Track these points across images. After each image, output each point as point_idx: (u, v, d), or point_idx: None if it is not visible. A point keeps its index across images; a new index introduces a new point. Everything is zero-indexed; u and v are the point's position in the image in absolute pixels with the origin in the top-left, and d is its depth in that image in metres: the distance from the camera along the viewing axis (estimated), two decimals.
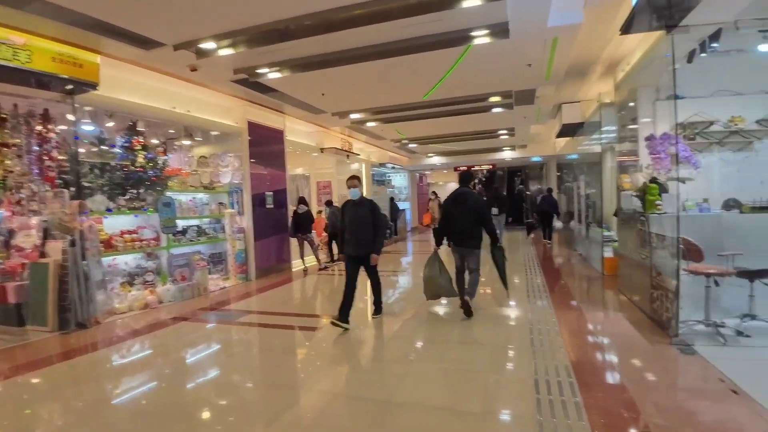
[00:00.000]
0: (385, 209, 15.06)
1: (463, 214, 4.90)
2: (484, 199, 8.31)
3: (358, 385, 3.43)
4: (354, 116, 9.37)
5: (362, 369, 3.83)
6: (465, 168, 17.19)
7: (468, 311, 4.75)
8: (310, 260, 9.01)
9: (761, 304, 3.90)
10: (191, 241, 7.18)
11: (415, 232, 18.43)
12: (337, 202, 11.91)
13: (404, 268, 9.36)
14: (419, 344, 4.27)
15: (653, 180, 4.82)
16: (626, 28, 3.74)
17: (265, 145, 8.63)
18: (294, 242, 8.80)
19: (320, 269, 8.75)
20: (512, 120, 10.20)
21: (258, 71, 5.99)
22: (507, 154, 16.81)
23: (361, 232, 4.75)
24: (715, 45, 4.06)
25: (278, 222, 8.82)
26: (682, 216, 4.56)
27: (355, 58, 5.60)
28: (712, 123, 5.50)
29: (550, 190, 13.65)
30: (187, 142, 7.88)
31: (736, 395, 2.78)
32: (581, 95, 8.68)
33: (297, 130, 10.08)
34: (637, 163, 6.06)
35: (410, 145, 14.17)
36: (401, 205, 17.40)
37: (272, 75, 6.20)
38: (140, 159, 6.44)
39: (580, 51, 5.67)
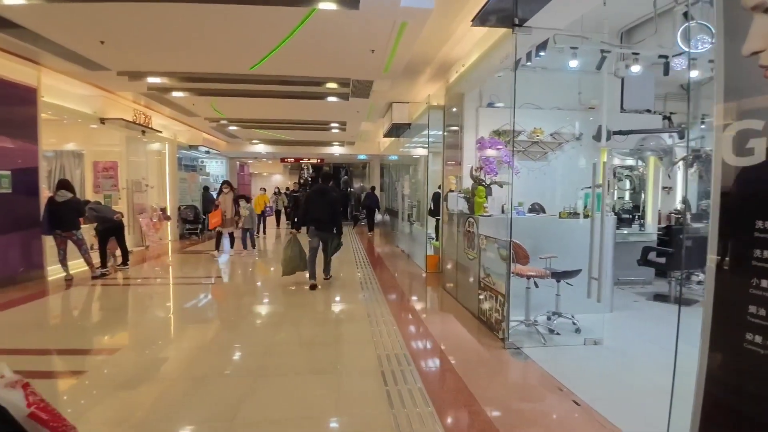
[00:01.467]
0: (196, 201, 12.93)
1: (324, 206, 6.03)
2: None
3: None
4: (153, 80, 7.41)
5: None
6: (327, 168, 18.25)
7: (314, 287, 6.04)
8: (78, 265, 6.70)
9: (564, 302, 4.41)
10: None
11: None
12: (126, 187, 9.50)
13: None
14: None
15: (480, 182, 5.02)
16: (480, 20, 3.62)
17: (3, 106, 6.01)
18: (51, 241, 6.36)
19: (94, 277, 6.58)
20: (345, 113, 9.88)
21: None
22: (336, 150, 16.70)
23: None
24: (542, 54, 4.37)
25: (22, 213, 6.25)
26: (501, 218, 4.88)
27: None
28: (519, 133, 6.19)
29: (373, 188, 16.04)
30: None
31: (572, 401, 2.84)
32: (411, 96, 8.95)
33: (65, 92, 7.44)
34: (462, 165, 6.42)
35: (231, 128, 12.47)
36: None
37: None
38: None
39: (418, 48, 5.59)
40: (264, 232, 13.36)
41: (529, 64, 4.81)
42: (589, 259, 3.93)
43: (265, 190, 14.61)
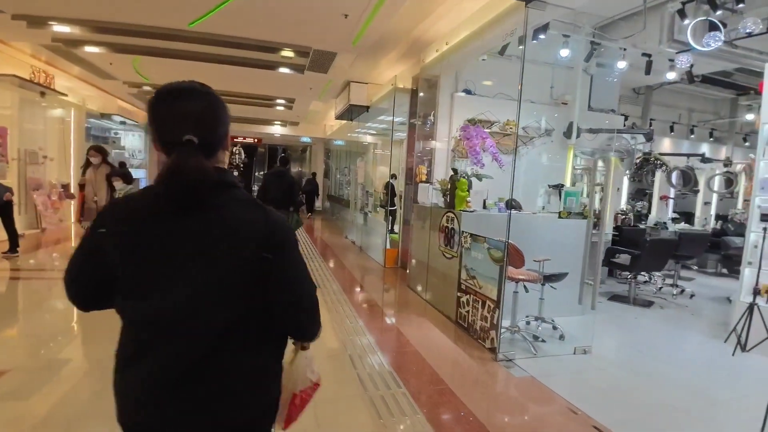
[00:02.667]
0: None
1: (282, 187, 6.12)
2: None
3: None
4: (60, 29, 6.04)
5: None
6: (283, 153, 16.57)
7: None
8: None
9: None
10: None
11: None
12: (17, 158, 7.83)
13: None
14: None
15: (462, 174, 4.65)
16: None
17: None
18: None
19: None
20: (297, 88, 9.01)
21: None
22: (277, 130, 15.56)
23: None
24: (541, 36, 4.06)
25: None
26: (491, 215, 4.57)
27: None
28: (492, 123, 5.93)
29: (314, 174, 16.34)
30: None
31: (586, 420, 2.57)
32: (371, 77, 8.36)
33: None
34: (434, 155, 6.03)
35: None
36: (135, 174, 13.50)
37: None
38: None
39: (394, 21, 5.03)
40: None
41: (521, 48, 4.49)
42: (584, 263, 3.74)
43: None
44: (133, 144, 15.62)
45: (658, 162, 7.40)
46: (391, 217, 8.25)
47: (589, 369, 3.48)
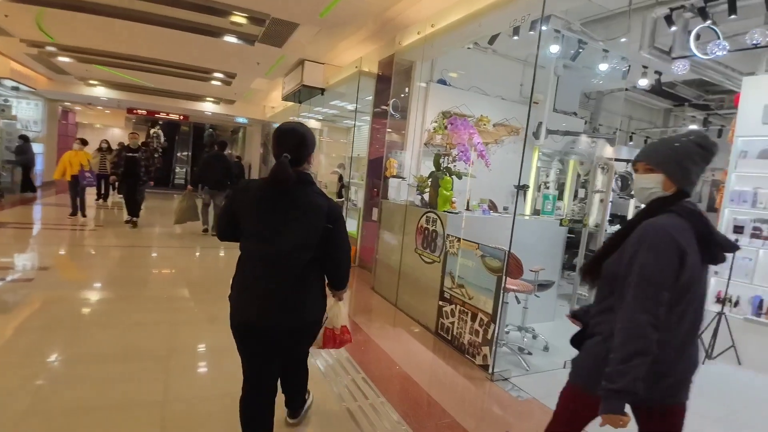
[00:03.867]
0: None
1: (219, 170, 7.42)
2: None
3: None
4: None
5: None
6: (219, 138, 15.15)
7: (206, 231, 7.88)
8: None
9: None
10: None
11: (51, 188, 12.76)
12: None
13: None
14: None
15: (447, 171, 4.31)
16: None
17: None
18: None
19: None
20: (242, 62, 8.05)
21: None
22: (208, 107, 14.11)
23: None
24: (544, 28, 3.81)
25: None
26: (472, 217, 4.29)
27: None
28: (466, 117, 5.65)
29: (239, 158, 15.00)
30: None
31: None
32: (329, 57, 7.72)
33: None
34: (405, 147, 5.64)
35: (61, 59, 9.20)
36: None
37: None
38: None
39: None
40: (83, 214, 8.39)
41: (516, 38, 4.24)
42: (581, 271, 3.59)
43: (84, 143, 8.77)
44: (28, 114, 13.28)
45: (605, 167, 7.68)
46: None
47: None
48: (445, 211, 4.11)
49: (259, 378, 1.90)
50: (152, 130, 18.30)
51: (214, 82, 10.24)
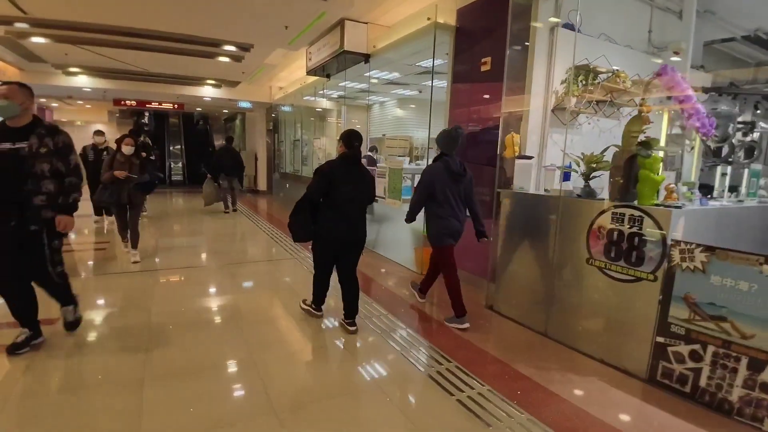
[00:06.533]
0: None
1: (231, 160, 9.88)
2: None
3: None
4: None
5: None
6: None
7: (227, 209, 9.98)
8: None
9: None
10: None
11: None
12: None
13: None
14: None
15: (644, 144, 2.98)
16: None
17: None
18: None
19: None
20: (267, 26, 6.50)
21: None
22: (208, 92, 12.46)
23: None
24: None
25: None
26: (711, 211, 3.00)
27: None
28: (598, 74, 4.28)
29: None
30: None
31: None
32: (373, 15, 6.28)
33: None
34: (526, 114, 4.28)
35: (35, 39, 7.54)
36: None
37: None
38: None
39: None
40: None
41: None
42: None
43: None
44: None
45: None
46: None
47: None
48: (661, 205, 2.82)
49: (332, 265, 3.59)
50: (140, 139, 16.54)
51: (221, 59, 8.65)
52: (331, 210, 3.34)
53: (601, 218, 3.14)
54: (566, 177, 3.70)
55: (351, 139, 3.37)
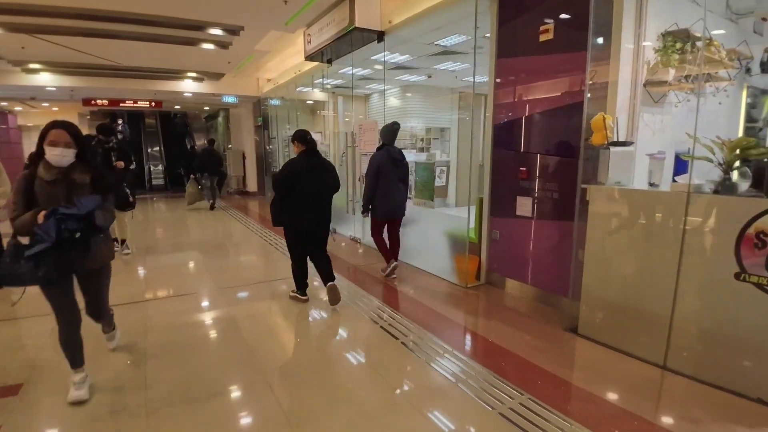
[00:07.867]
0: None
1: (212, 159, 10.33)
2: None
3: None
4: None
5: None
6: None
7: (212, 207, 10.45)
8: None
9: None
10: None
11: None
12: None
13: None
14: None
15: None
16: None
17: None
18: None
19: None
20: (258, 1, 5.54)
21: None
22: (188, 86, 11.35)
23: None
24: None
25: None
26: None
27: None
28: (688, 42, 3.49)
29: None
30: None
31: None
32: None
33: None
34: (614, 92, 3.47)
35: None
36: None
37: None
38: None
39: None
40: None
41: None
42: None
43: None
44: None
45: None
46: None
47: None
48: None
49: (304, 252, 4.05)
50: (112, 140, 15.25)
51: (205, 46, 7.63)
52: (295, 203, 3.81)
53: (761, 221, 2.35)
54: (680, 167, 2.92)
55: (305, 136, 3.90)
